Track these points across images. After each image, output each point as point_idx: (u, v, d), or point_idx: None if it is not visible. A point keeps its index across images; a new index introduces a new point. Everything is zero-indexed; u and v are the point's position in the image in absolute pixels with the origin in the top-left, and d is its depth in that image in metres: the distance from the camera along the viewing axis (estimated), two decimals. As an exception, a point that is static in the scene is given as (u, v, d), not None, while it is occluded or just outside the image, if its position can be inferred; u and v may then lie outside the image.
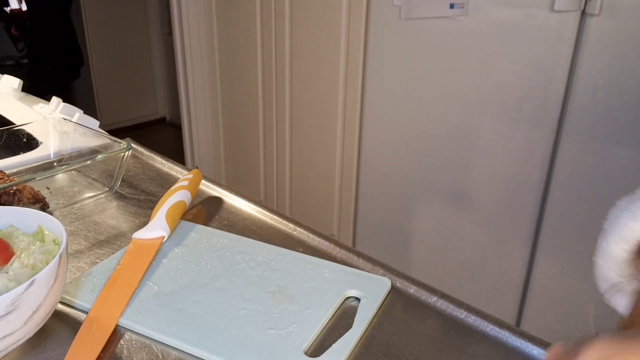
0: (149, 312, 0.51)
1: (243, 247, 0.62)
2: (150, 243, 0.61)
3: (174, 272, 0.57)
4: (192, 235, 0.64)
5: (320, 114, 1.95)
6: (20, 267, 0.46)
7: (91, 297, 0.52)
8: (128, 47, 3.84)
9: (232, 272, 0.57)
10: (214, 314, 0.50)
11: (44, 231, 0.50)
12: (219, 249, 0.61)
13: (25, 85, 1.12)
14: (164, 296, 0.53)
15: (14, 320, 0.41)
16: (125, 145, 0.75)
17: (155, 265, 0.58)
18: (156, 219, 0.64)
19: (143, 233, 0.62)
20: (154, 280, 0.56)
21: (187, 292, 0.54)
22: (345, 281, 0.56)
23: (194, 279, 0.56)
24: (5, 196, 0.65)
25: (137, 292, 0.54)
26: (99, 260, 0.60)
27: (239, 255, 0.60)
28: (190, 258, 0.59)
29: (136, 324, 0.49)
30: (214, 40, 2.30)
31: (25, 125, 0.87)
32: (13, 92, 1.08)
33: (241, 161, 2.42)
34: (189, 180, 0.71)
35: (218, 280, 0.56)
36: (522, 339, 0.50)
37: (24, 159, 0.83)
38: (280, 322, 0.49)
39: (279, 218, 0.70)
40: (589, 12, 1.31)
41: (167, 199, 0.67)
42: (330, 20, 1.78)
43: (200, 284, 0.55)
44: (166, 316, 0.50)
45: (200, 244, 0.62)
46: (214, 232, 0.65)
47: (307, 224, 0.69)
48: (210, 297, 0.53)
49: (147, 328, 0.49)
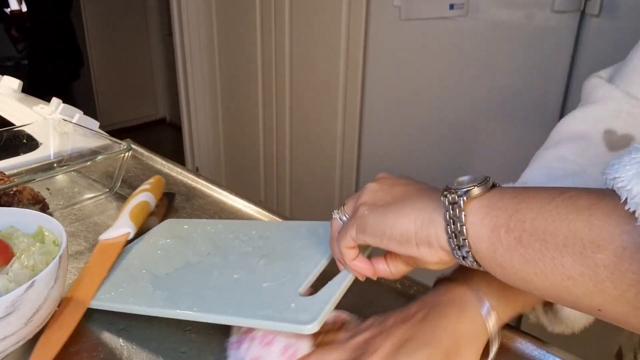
0: (143, 294, 0.51)
1: (237, 227, 0.61)
2: (116, 241, 0.61)
3: (169, 259, 0.57)
4: (186, 227, 0.64)
5: (320, 114, 1.95)
6: (20, 268, 0.46)
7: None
8: (128, 47, 3.84)
9: (226, 250, 0.56)
10: (209, 283, 0.50)
11: (44, 232, 0.50)
12: (213, 234, 0.61)
13: (25, 86, 1.12)
14: (159, 279, 0.53)
15: (13, 322, 0.41)
16: (125, 146, 0.76)
17: (150, 257, 0.58)
18: (120, 219, 0.65)
19: (108, 233, 0.63)
20: (148, 268, 0.56)
21: (182, 273, 0.54)
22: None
23: (189, 260, 0.56)
24: (5, 197, 0.65)
25: (132, 281, 0.54)
26: (99, 261, 0.60)
27: (233, 233, 0.59)
28: (185, 245, 0.59)
29: (131, 305, 0.50)
30: (214, 40, 2.30)
31: (25, 126, 0.87)
32: (13, 93, 1.08)
33: (241, 161, 2.42)
34: (150, 184, 0.72)
35: (212, 257, 0.55)
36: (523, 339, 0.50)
37: (24, 160, 0.83)
38: (274, 277, 0.49)
39: (279, 219, 0.70)
40: (588, 13, 1.31)
41: (130, 201, 0.67)
42: (330, 21, 1.78)
43: (194, 263, 0.55)
44: (161, 294, 0.50)
45: (195, 233, 0.62)
46: (208, 221, 0.65)
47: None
48: (205, 272, 0.53)
49: (143, 306, 0.49)
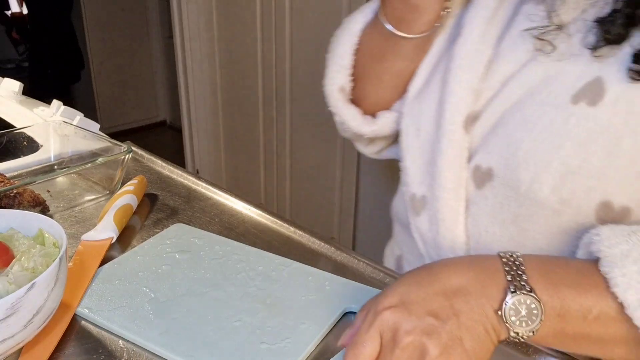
0: (142, 320, 0.50)
1: (245, 256, 0.61)
2: (100, 244, 0.62)
3: (172, 279, 0.56)
4: (195, 241, 0.64)
5: (321, 116, 1.95)
6: (21, 270, 0.46)
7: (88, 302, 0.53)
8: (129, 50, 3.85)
9: (231, 282, 0.56)
10: (208, 325, 0.50)
11: (44, 234, 0.50)
12: (220, 256, 0.61)
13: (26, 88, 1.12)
14: (160, 304, 0.53)
15: (13, 324, 0.41)
16: (126, 149, 0.76)
17: (155, 272, 0.58)
18: (104, 221, 0.65)
19: (92, 234, 0.63)
20: (150, 287, 0.55)
21: (183, 301, 0.53)
22: (346, 295, 0.53)
23: (192, 287, 0.55)
24: (5, 199, 0.65)
25: (133, 297, 0.53)
26: (99, 264, 0.60)
27: (240, 264, 0.59)
28: (191, 265, 0.59)
29: (129, 332, 0.49)
30: (215, 43, 2.31)
31: (26, 129, 0.87)
32: (14, 96, 1.08)
33: (241, 164, 2.42)
34: (134, 185, 0.72)
35: (216, 289, 0.55)
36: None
37: (25, 162, 0.83)
38: (274, 337, 0.48)
39: (280, 221, 0.70)
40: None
41: (114, 202, 0.67)
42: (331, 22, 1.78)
43: (198, 293, 0.54)
44: (159, 325, 0.50)
45: (202, 251, 0.62)
46: (217, 238, 0.65)
47: (307, 226, 0.69)
48: (206, 307, 0.52)
49: (140, 337, 0.48)
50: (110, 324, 0.50)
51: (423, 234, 0.61)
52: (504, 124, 0.53)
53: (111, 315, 0.51)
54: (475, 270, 0.42)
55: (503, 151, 0.52)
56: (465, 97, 0.56)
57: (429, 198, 0.59)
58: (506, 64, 0.54)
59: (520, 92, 0.52)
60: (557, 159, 0.48)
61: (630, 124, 0.45)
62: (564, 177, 0.48)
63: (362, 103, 0.70)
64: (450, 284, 0.41)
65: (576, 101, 0.48)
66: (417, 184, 0.61)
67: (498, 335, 0.41)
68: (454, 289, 0.41)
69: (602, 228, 0.44)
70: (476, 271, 0.42)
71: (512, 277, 0.41)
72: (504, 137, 0.52)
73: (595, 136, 0.46)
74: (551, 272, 0.42)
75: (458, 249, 0.58)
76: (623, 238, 0.42)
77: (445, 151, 0.56)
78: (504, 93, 0.54)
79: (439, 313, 0.40)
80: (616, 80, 0.46)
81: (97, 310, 0.52)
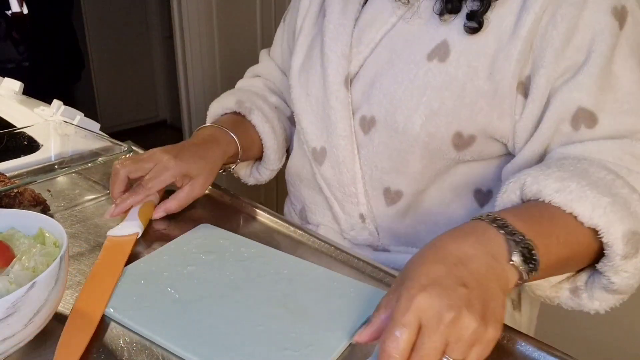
0: (166, 321, 0.50)
1: (270, 258, 0.60)
2: (126, 240, 0.63)
3: (196, 280, 0.56)
4: (221, 242, 0.63)
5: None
6: (21, 270, 0.46)
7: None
8: (129, 50, 3.85)
9: (255, 285, 0.55)
10: (231, 329, 0.49)
11: (44, 234, 0.50)
12: (245, 258, 0.60)
13: (26, 88, 1.12)
14: (183, 305, 0.52)
15: (14, 323, 0.41)
16: (126, 148, 0.76)
17: (180, 272, 0.57)
18: (129, 218, 0.65)
19: (118, 230, 0.64)
20: (175, 287, 0.55)
21: (207, 303, 0.52)
22: (371, 302, 0.52)
23: (216, 289, 0.55)
24: (6, 199, 0.65)
25: (157, 297, 0.53)
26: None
27: (264, 266, 0.58)
28: (216, 267, 0.58)
29: (153, 333, 0.49)
30: (215, 42, 2.31)
31: (26, 128, 0.87)
32: (14, 95, 1.08)
33: (242, 164, 2.42)
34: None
35: (240, 292, 0.54)
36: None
37: (25, 162, 0.83)
38: (297, 343, 0.47)
39: (280, 221, 0.70)
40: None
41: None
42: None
43: (222, 295, 0.54)
44: (183, 327, 0.49)
45: (227, 252, 0.61)
46: (243, 240, 0.64)
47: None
48: (230, 310, 0.52)
49: (163, 338, 0.48)
50: (135, 324, 0.50)
51: (327, 178, 0.73)
52: (379, 80, 0.67)
53: (136, 316, 0.51)
54: (475, 235, 0.46)
55: (382, 102, 0.66)
56: (340, 62, 0.69)
57: (327, 148, 0.72)
58: (374, 32, 0.67)
59: (388, 54, 0.66)
60: (422, 104, 0.62)
61: (470, 74, 0.60)
62: (428, 117, 0.62)
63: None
64: (462, 253, 0.44)
65: (431, 59, 0.62)
66: (316, 139, 0.73)
67: (508, 286, 0.45)
68: (468, 257, 0.44)
69: (527, 176, 0.53)
70: (476, 236, 0.46)
71: (505, 232, 0.46)
72: (381, 90, 0.66)
73: (447, 85, 0.61)
74: (527, 219, 0.48)
75: (358, 184, 0.70)
76: (542, 173, 0.52)
77: (335, 107, 0.69)
78: (375, 55, 0.68)
79: (465, 281, 0.42)
80: (458, 41, 0.61)
81: (122, 309, 0.52)
